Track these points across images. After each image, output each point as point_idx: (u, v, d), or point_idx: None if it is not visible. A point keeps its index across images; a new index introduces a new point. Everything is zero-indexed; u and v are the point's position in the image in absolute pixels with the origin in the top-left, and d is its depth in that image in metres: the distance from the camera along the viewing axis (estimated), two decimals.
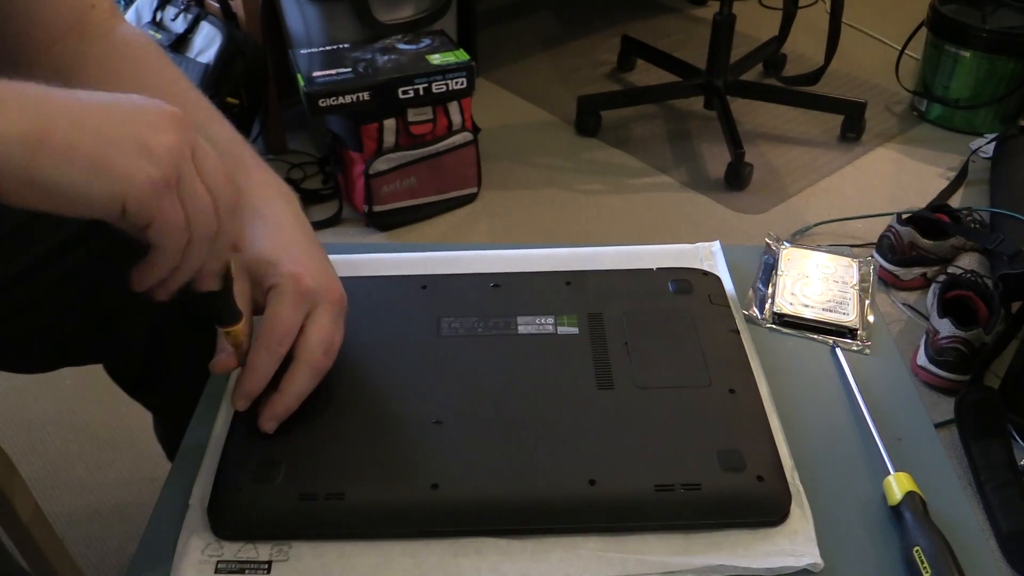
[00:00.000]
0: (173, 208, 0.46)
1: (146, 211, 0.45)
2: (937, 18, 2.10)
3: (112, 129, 0.45)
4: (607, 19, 2.68)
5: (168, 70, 0.68)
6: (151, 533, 0.58)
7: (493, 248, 0.81)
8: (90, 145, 0.44)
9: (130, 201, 0.45)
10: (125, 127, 0.46)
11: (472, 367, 0.66)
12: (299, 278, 0.58)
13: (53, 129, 0.43)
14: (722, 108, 2.03)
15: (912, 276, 1.65)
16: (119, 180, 0.44)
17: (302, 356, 0.58)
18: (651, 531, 0.57)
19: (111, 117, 0.46)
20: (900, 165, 2.06)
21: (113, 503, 1.27)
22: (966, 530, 0.58)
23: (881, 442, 0.63)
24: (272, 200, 0.63)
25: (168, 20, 1.91)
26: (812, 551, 0.56)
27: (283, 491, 0.57)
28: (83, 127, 0.44)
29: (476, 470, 0.58)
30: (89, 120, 0.45)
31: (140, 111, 0.47)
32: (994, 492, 1.24)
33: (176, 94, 0.66)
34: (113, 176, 0.44)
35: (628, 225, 1.86)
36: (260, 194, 0.63)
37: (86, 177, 0.44)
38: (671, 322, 0.70)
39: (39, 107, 0.44)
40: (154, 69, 0.68)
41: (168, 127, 0.47)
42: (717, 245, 0.81)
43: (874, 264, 1.08)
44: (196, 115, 0.66)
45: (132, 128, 0.46)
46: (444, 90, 1.72)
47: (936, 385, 1.44)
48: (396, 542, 0.57)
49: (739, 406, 0.63)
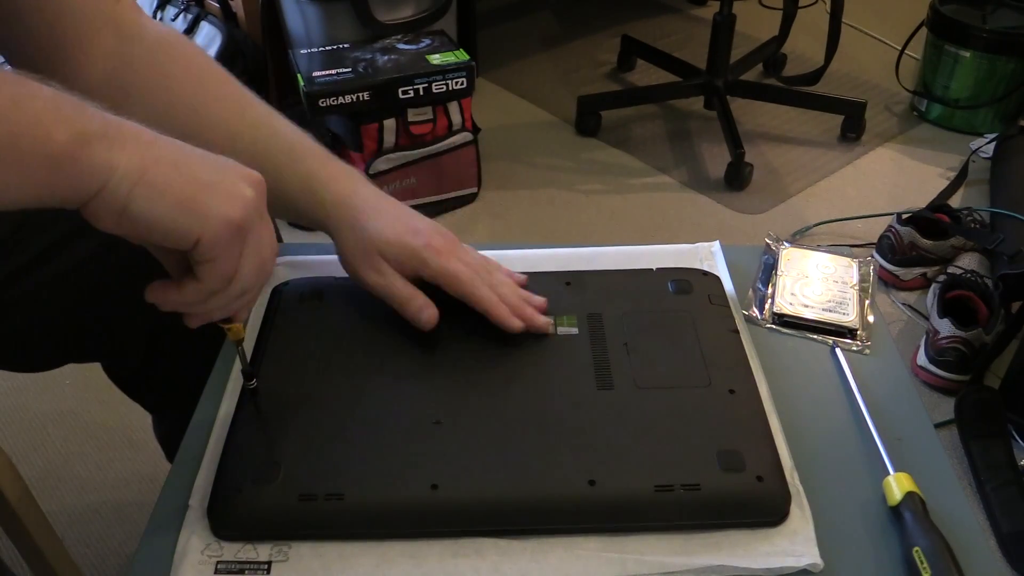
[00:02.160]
0: (233, 253, 0.52)
1: (214, 249, 0.50)
2: (937, 18, 2.10)
3: (205, 175, 0.51)
4: (607, 19, 2.68)
5: (218, 70, 0.71)
6: (151, 533, 0.58)
7: (493, 248, 0.81)
8: (183, 186, 0.49)
9: (205, 237, 0.50)
10: (216, 175, 0.51)
11: (472, 367, 0.66)
12: (430, 246, 0.68)
13: (155, 169, 0.48)
14: (722, 108, 2.03)
15: (912, 276, 1.65)
16: (201, 218, 0.49)
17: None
18: (651, 531, 0.57)
19: (205, 166, 0.51)
20: (900, 165, 2.06)
21: (113, 503, 1.27)
22: (966, 530, 0.58)
23: (881, 442, 0.63)
24: (357, 186, 0.70)
25: (168, 20, 1.91)
26: (812, 551, 0.56)
27: (283, 491, 0.57)
28: (180, 170, 0.50)
29: (476, 470, 0.58)
30: (186, 165, 0.50)
31: (229, 166, 0.53)
32: (994, 492, 1.24)
33: (231, 94, 0.71)
34: (197, 215, 0.49)
35: (628, 225, 1.86)
36: (346, 183, 0.69)
37: (173, 214, 0.49)
38: (671, 322, 0.70)
39: (149, 148, 0.49)
40: (207, 71, 0.71)
41: (250, 184, 0.52)
42: (717, 245, 0.81)
43: (874, 264, 1.08)
44: (258, 110, 0.71)
45: (221, 177, 0.51)
46: (444, 90, 1.72)
47: (936, 385, 1.44)
48: (396, 542, 0.57)
49: (739, 406, 0.63)
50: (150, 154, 0.49)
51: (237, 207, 0.51)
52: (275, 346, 0.67)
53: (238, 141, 0.68)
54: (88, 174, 0.46)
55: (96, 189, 0.47)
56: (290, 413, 0.62)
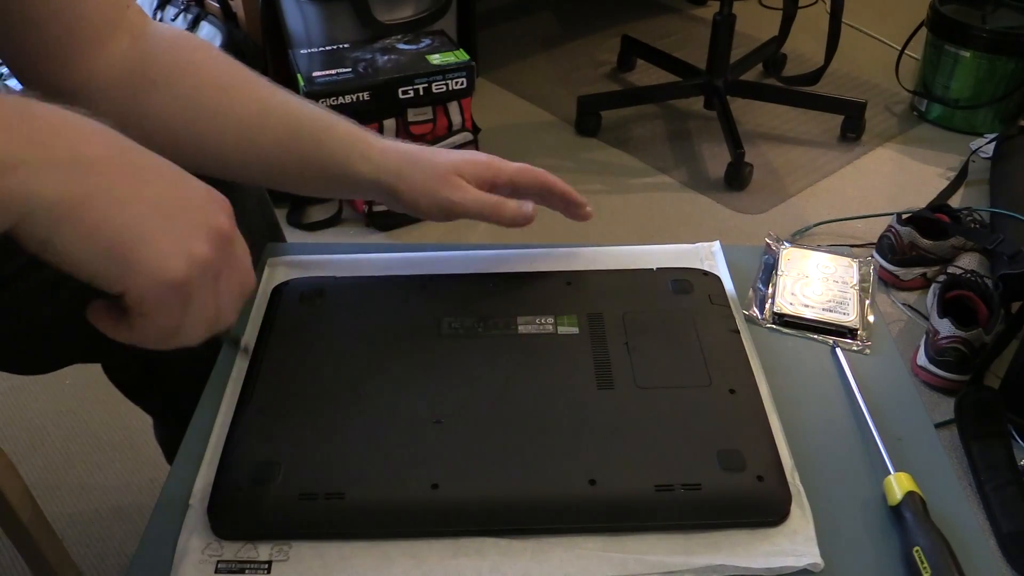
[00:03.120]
0: (170, 313, 0.45)
1: (141, 305, 0.44)
2: (937, 18, 2.10)
3: (155, 220, 0.44)
4: (607, 19, 2.68)
5: (234, 60, 0.70)
6: (151, 533, 0.58)
7: (493, 248, 0.81)
8: (119, 230, 0.43)
9: (132, 292, 0.44)
10: (169, 221, 0.44)
11: (472, 367, 0.66)
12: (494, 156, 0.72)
13: (90, 204, 0.42)
14: (722, 108, 2.03)
15: (912, 276, 1.65)
16: (129, 271, 0.43)
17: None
18: (651, 531, 0.57)
19: (161, 208, 0.44)
20: (900, 165, 2.06)
21: (113, 503, 1.27)
22: (966, 530, 0.58)
23: (881, 442, 0.63)
24: (391, 138, 0.70)
25: (168, 20, 1.91)
26: (812, 551, 0.56)
27: (283, 491, 0.57)
28: (124, 209, 0.43)
29: (476, 470, 0.58)
30: (136, 203, 0.43)
31: (195, 209, 0.46)
32: (994, 492, 1.24)
33: (254, 76, 0.69)
34: (125, 266, 0.43)
35: (628, 225, 1.86)
36: (384, 138, 0.70)
37: (98, 260, 0.42)
38: (671, 322, 0.70)
39: (88, 176, 0.42)
40: (224, 58, 0.69)
41: (208, 238, 0.46)
42: (717, 245, 0.81)
43: (874, 264, 1.08)
44: (283, 90, 0.69)
45: (174, 225, 0.44)
46: (444, 90, 1.72)
47: (936, 385, 1.44)
48: (396, 542, 0.57)
49: (739, 406, 0.63)
50: (91, 184, 0.42)
51: (179, 265, 0.44)
52: (275, 346, 0.67)
53: (271, 116, 0.68)
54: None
55: (11, 221, 0.41)
56: (290, 412, 0.62)
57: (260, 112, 0.67)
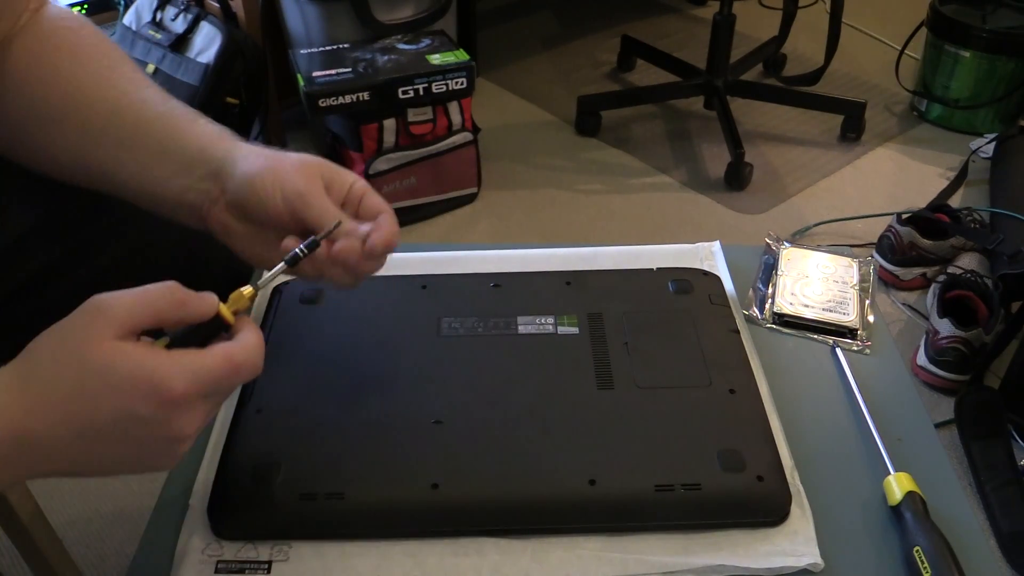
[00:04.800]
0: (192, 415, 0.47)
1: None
2: (937, 18, 2.10)
3: (123, 467, 0.47)
4: (607, 19, 2.68)
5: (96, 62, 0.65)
6: (151, 533, 0.58)
7: (493, 248, 0.81)
8: (104, 474, 0.47)
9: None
10: (137, 464, 0.47)
11: (472, 367, 0.66)
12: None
13: (60, 476, 0.46)
14: (722, 108, 2.03)
15: (912, 276, 1.65)
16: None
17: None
18: (651, 531, 0.57)
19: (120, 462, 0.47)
20: (900, 165, 2.06)
21: (113, 504, 1.27)
22: (966, 530, 0.58)
23: (881, 442, 0.63)
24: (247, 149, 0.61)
25: (168, 20, 1.91)
26: (812, 551, 0.56)
27: (283, 491, 0.57)
28: (96, 469, 0.47)
29: (476, 470, 0.58)
30: (97, 467, 0.47)
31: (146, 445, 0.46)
32: (994, 492, 1.24)
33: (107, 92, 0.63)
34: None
35: (628, 225, 1.86)
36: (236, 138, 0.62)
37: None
38: (671, 322, 0.70)
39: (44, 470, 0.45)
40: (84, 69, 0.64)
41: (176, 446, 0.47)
42: (717, 245, 0.81)
43: (874, 264, 1.08)
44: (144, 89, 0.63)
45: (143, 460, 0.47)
46: (444, 90, 1.72)
47: (936, 385, 1.43)
48: (396, 542, 0.57)
49: (739, 406, 0.63)
50: (51, 470, 0.46)
51: (169, 463, 0.48)
52: (275, 346, 0.67)
53: (118, 116, 0.62)
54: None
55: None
56: (290, 413, 0.62)
57: (108, 114, 0.62)
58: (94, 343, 0.44)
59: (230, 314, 0.50)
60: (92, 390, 0.44)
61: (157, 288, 0.47)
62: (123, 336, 0.45)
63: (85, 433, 0.44)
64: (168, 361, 0.45)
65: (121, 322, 0.45)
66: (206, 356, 0.46)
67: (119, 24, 1.98)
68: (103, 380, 0.44)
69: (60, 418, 0.44)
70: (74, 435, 0.44)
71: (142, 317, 0.46)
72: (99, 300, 0.46)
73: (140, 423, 0.44)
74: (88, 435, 0.44)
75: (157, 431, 0.45)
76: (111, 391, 0.44)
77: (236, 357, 0.47)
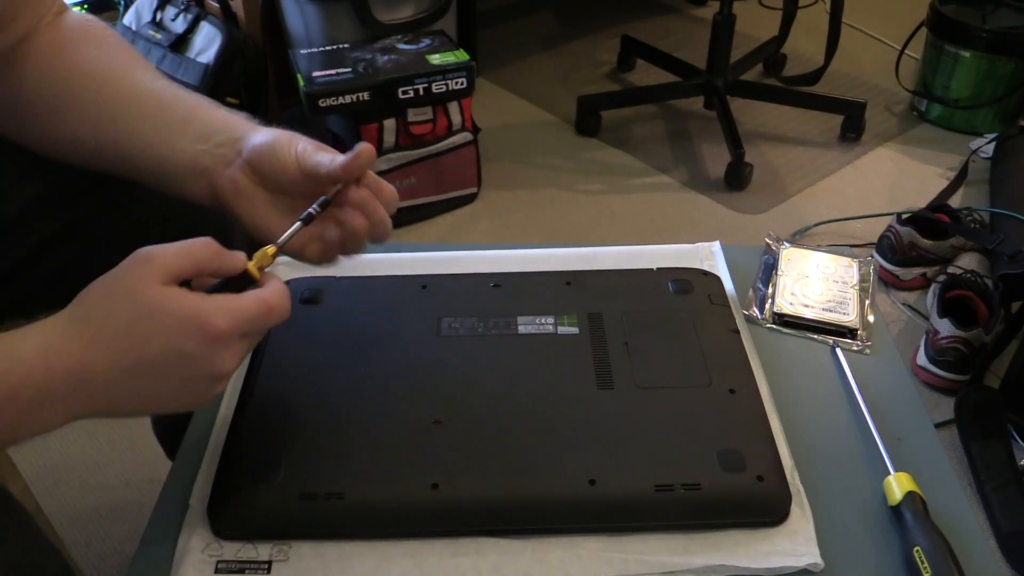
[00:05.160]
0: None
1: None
2: (937, 18, 2.10)
3: (170, 403, 0.51)
4: (607, 19, 2.67)
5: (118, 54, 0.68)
6: (151, 533, 0.58)
7: (493, 248, 0.81)
8: (149, 412, 0.52)
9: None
10: (180, 399, 0.51)
11: (472, 367, 0.66)
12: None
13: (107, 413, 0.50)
14: (722, 108, 2.03)
15: (912, 276, 1.65)
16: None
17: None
18: (651, 531, 0.57)
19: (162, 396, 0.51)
20: (900, 165, 2.06)
21: (113, 503, 1.27)
22: (966, 530, 0.58)
23: (881, 442, 0.63)
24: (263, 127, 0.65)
25: (168, 20, 1.91)
26: (812, 551, 0.56)
27: (283, 491, 0.57)
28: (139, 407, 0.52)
29: (476, 470, 0.58)
30: (141, 404, 0.51)
31: (189, 382, 0.50)
32: (994, 492, 1.24)
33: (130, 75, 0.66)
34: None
35: (628, 225, 1.86)
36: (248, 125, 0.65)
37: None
38: (671, 322, 0.70)
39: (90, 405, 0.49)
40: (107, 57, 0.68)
41: (215, 377, 0.51)
42: (717, 245, 0.81)
43: (874, 264, 1.08)
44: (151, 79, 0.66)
45: (185, 395, 0.51)
46: (444, 90, 1.72)
47: (936, 385, 1.43)
48: (396, 542, 0.57)
49: (739, 406, 0.63)
50: (97, 407, 0.49)
51: (207, 400, 0.52)
52: (275, 346, 0.67)
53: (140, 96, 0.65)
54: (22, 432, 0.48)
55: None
56: (290, 412, 0.62)
57: (130, 93, 0.65)
58: (143, 287, 0.49)
59: (256, 270, 0.54)
60: (143, 329, 0.48)
61: (197, 241, 0.52)
62: (168, 282, 0.49)
63: (135, 370, 0.48)
64: (211, 302, 0.50)
65: (167, 269, 0.49)
66: (243, 298, 0.51)
67: (119, 24, 1.98)
68: (153, 320, 0.48)
69: (114, 356, 0.48)
70: (125, 372, 0.48)
71: (185, 265, 0.50)
72: (146, 251, 0.50)
73: (186, 360, 0.49)
74: (137, 372, 0.48)
75: (200, 368, 0.49)
76: (161, 330, 0.48)
77: (269, 299, 0.52)
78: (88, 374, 0.48)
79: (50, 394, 0.47)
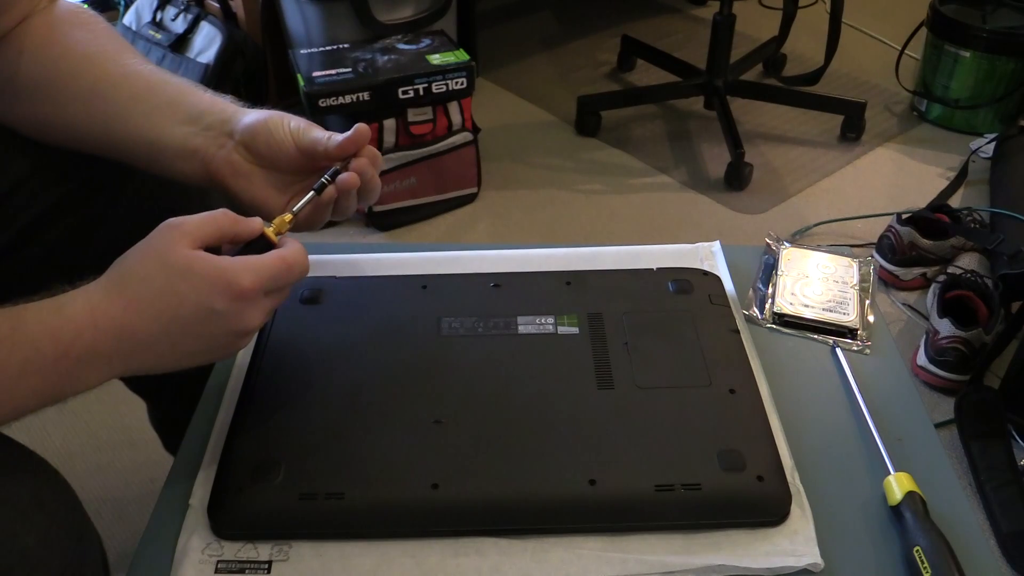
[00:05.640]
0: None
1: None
2: (937, 18, 2.10)
3: (201, 357, 0.56)
4: (607, 19, 2.67)
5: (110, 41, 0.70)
6: (151, 533, 0.58)
7: (493, 248, 0.81)
8: (184, 366, 0.55)
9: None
10: (210, 353, 0.56)
11: (472, 367, 0.66)
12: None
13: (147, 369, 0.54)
14: (722, 108, 2.03)
15: (912, 276, 1.65)
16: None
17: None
18: (651, 531, 0.57)
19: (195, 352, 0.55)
20: (900, 165, 2.06)
21: (113, 504, 1.26)
22: (966, 530, 0.58)
23: (881, 442, 0.63)
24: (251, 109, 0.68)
25: (168, 20, 1.91)
26: (812, 551, 0.56)
27: (283, 491, 0.57)
28: (174, 363, 0.55)
29: (476, 470, 0.58)
30: (177, 359, 0.55)
31: (220, 337, 0.55)
32: (994, 492, 1.24)
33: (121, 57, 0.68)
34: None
35: (628, 225, 1.86)
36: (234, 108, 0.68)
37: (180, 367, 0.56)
38: (671, 322, 0.70)
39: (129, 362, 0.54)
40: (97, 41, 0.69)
41: (240, 340, 0.56)
42: (717, 245, 0.81)
43: (874, 264, 1.08)
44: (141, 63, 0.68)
45: (215, 348, 0.55)
46: (444, 90, 1.72)
47: (936, 385, 1.43)
48: (396, 542, 0.57)
49: (739, 406, 0.63)
50: (136, 366, 0.53)
51: (235, 351, 0.57)
52: (275, 346, 0.67)
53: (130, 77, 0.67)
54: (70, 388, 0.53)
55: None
56: (290, 412, 0.62)
57: (120, 75, 0.67)
58: (175, 251, 0.53)
59: (273, 235, 0.58)
60: (178, 289, 0.52)
61: (216, 211, 0.56)
62: (195, 247, 0.54)
63: (171, 328, 0.53)
64: (235, 263, 0.54)
65: (193, 235, 0.54)
66: (265, 257, 0.55)
67: (119, 24, 1.98)
68: (186, 280, 0.53)
69: (153, 314, 0.52)
70: (162, 329, 0.53)
71: (209, 231, 0.55)
72: (173, 220, 0.55)
73: (216, 316, 0.53)
74: (173, 329, 0.53)
75: (228, 324, 0.54)
76: (193, 289, 0.53)
77: (288, 257, 0.56)
78: (131, 333, 0.52)
79: (97, 352, 0.51)
